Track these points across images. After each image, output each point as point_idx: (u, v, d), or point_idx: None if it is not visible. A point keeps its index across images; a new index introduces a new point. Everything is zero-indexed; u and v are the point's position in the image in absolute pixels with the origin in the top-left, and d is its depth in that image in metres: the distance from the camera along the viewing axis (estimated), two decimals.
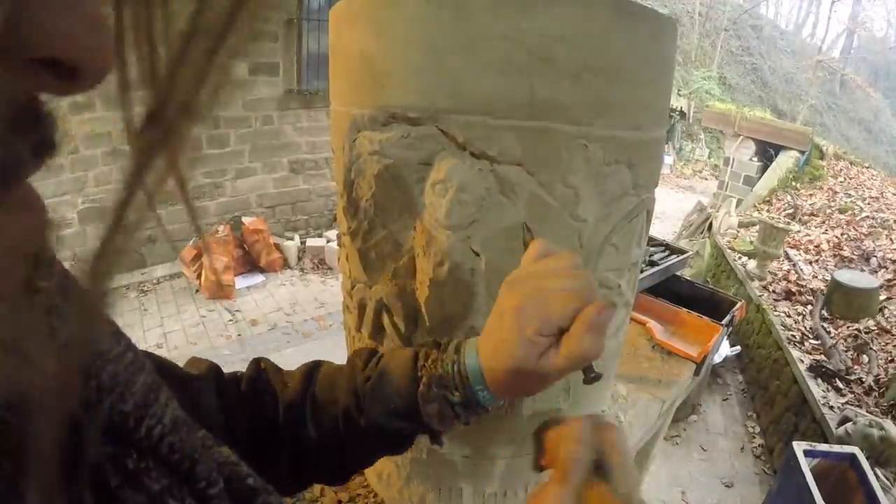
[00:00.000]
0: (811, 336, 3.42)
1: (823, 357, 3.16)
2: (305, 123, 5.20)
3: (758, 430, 3.29)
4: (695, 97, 12.10)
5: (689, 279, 1.77)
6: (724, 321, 1.45)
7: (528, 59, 0.50)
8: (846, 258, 4.60)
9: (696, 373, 1.34)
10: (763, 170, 6.78)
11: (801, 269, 4.31)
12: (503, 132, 0.52)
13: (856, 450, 2.05)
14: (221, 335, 3.91)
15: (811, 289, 4.00)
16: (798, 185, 6.53)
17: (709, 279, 4.83)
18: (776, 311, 3.71)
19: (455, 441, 0.70)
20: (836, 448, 2.11)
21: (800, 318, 3.65)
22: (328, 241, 5.20)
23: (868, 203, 5.98)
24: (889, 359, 3.13)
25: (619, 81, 0.54)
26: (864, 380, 2.93)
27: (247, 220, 4.94)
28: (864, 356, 3.17)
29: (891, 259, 4.45)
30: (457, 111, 0.52)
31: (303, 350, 3.76)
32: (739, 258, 4.68)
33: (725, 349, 3.49)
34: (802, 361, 3.10)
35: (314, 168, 5.42)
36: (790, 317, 3.66)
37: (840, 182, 6.73)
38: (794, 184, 6.54)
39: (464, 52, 0.50)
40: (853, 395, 2.83)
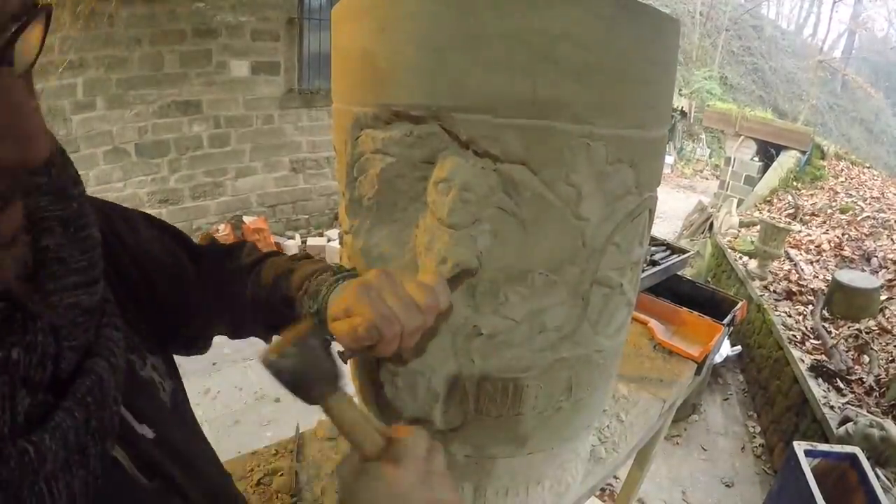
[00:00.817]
0: (812, 336, 3.41)
1: (824, 357, 3.16)
2: (306, 123, 5.20)
3: (758, 430, 3.29)
4: (696, 97, 12.08)
5: (690, 279, 1.77)
6: (725, 321, 1.45)
7: (531, 58, 0.50)
8: (847, 258, 4.59)
9: (697, 372, 1.34)
10: (764, 170, 6.77)
11: (802, 269, 4.31)
12: (506, 130, 0.52)
13: (856, 450, 2.05)
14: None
15: (812, 289, 4.00)
16: (799, 185, 6.52)
17: (710, 279, 4.82)
18: (777, 311, 3.71)
19: (456, 440, 0.71)
20: (837, 448, 2.11)
21: (801, 318, 3.64)
22: (329, 241, 5.19)
23: (869, 203, 5.97)
24: (890, 359, 3.12)
25: (622, 80, 0.54)
26: (865, 380, 2.93)
27: (248, 220, 4.94)
28: (865, 356, 3.17)
29: (892, 259, 4.44)
30: (459, 109, 0.52)
31: None
32: (740, 258, 4.67)
33: (726, 349, 3.49)
34: (803, 361, 3.10)
35: (315, 167, 5.42)
36: (791, 317, 3.66)
37: (841, 182, 6.72)
38: (795, 184, 6.53)
39: (466, 51, 0.50)
40: (854, 395, 2.82)
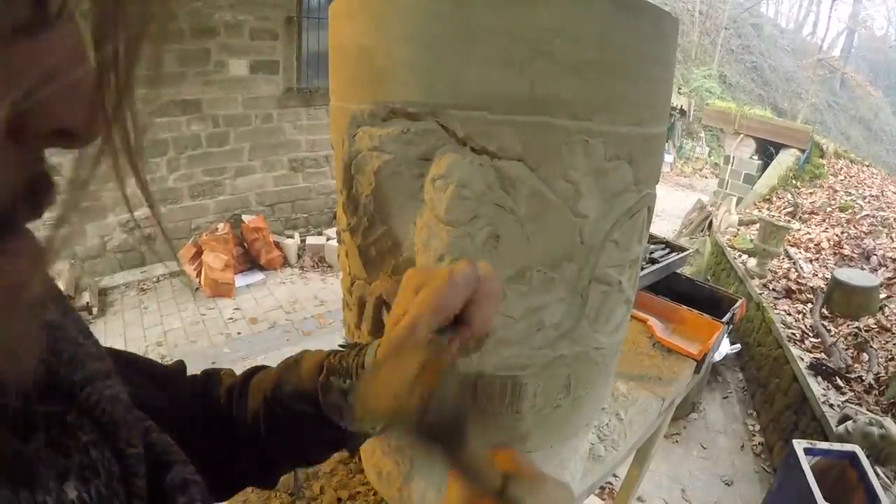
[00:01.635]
0: (811, 334, 3.42)
1: (823, 355, 3.16)
2: (305, 121, 5.19)
3: (758, 428, 3.29)
4: (695, 95, 12.08)
5: (690, 277, 1.77)
6: (725, 319, 1.45)
7: (528, 54, 0.49)
8: (846, 256, 4.60)
9: (697, 370, 1.34)
10: (763, 168, 6.77)
11: (802, 268, 4.31)
12: (503, 127, 0.52)
13: (856, 448, 2.05)
14: (221, 333, 3.90)
15: (811, 287, 4.00)
16: (798, 184, 6.52)
17: (709, 277, 4.82)
18: (776, 309, 3.71)
19: None
20: (837, 446, 2.11)
21: (800, 316, 3.65)
22: (328, 239, 5.19)
23: (868, 201, 5.97)
24: (889, 357, 3.12)
25: (620, 76, 0.54)
26: (865, 378, 2.93)
27: (246, 219, 4.94)
28: (865, 354, 3.17)
29: (891, 257, 4.45)
30: (456, 106, 0.52)
31: (302, 348, 3.74)
32: (739, 256, 4.68)
33: (725, 347, 3.49)
34: (802, 359, 3.10)
35: (314, 166, 5.42)
36: (790, 315, 3.66)
37: (840, 180, 6.72)
38: (795, 182, 6.53)
39: (463, 47, 0.50)
40: (853, 394, 2.83)
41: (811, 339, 3.35)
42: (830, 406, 2.72)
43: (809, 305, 3.76)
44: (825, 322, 3.54)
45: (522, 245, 0.57)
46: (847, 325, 3.50)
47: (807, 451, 2.03)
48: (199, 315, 4.12)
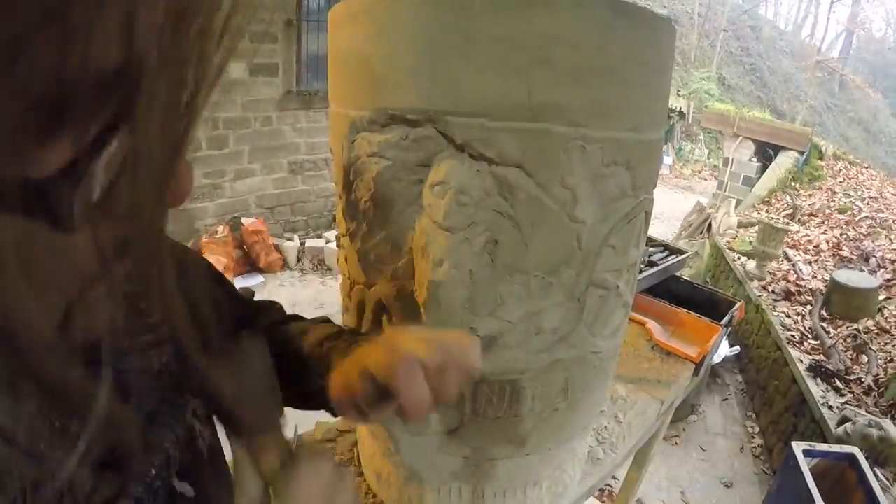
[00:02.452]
0: (810, 336, 3.42)
1: (823, 357, 3.16)
2: (305, 124, 5.20)
3: (757, 430, 3.29)
4: (694, 97, 12.10)
5: (689, 279, 1.78)
6: (724, 321, 1.46)
7: (526, 61, 0.50)
8: (845, 258, 4.60)
9: (695, 373, 1.34)
10: (762, 170, 6.78)
11: (801, 270, 4.32)
12: (502, 133, 0.52)
13: (855, 450, 2.05)
14: None
15: (810, 289, 4.00)
16: (797, 186, 6.53)
17: (708, 279, 4.83)
18: (775, 311, 3.71)
19: (455, 441, 0.71)
20: (836, 448, 2.11)
21: (799, 318, 3.65)
22: (327, 242, 5.19)
23: (867, 203, 5.97)
24: (888, 359, 3.13)
25: (617, 83, 0.54)
26: (864, 380, 2.93)
27: (246, 221, 4.93)
28: (864, 356, 3.17)
29: (890, 259, 4.45)
30: (455, 113, 0.53)
31: None
32: (738, 258, 4.68)
33: (724, 349, 3.49)
34: (801, 361, 3.10)
35: (313, 169, 5.42)
36: (789, 317, 3.66)
37: (839, 182, 6.73)
38: (794, 184, 6.54)
39: (462, 54, 0.50)
40: (852, 395, 2.83)
41: (810, 341, 3.36)
42: (829, 408, 2.72)
43: (808, 307, 3.76)
44: (824, 324, 3.54)
45: (520, 250, 0.57)
46: (846, 327, 3.51)
47: (806, 453, 2.03)
48: None
